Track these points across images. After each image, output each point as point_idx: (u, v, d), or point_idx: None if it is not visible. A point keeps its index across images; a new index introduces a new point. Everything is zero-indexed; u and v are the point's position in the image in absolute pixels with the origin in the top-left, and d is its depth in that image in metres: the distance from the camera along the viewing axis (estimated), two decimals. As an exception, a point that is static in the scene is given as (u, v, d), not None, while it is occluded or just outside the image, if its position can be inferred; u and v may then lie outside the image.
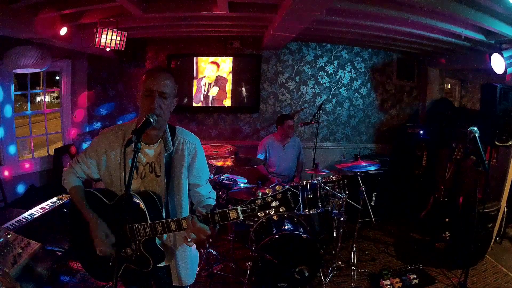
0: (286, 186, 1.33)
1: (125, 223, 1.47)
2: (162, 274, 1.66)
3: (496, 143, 3.48)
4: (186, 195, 1.65)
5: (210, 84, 5.09)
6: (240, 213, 1.33)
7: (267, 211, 1.32)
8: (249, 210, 1.33)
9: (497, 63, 3.46)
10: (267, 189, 1.36)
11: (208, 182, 1.73)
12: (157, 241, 1.55)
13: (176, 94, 1.57)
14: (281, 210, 1.31)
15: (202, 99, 5.11)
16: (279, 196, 1.31)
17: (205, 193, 1.68)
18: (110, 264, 1.56)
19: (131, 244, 1.51)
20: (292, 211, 1.32)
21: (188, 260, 1.69)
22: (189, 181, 1.65)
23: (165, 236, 1.60)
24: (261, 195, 1.33)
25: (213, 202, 1.68)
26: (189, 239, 1.39)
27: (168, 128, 1.60)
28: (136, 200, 1.47)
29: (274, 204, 1.31)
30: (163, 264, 1.61)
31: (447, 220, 3.49)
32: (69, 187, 1.63)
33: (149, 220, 1.46)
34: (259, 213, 1.32)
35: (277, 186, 1.34)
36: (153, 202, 1.51)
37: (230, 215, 1.35)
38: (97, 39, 3.43)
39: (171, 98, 1.53)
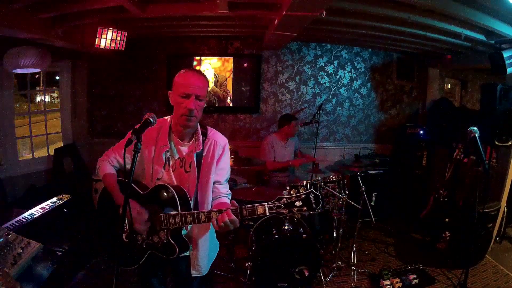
0: (291, 189, 1.47)
1: (158, 212, 1.58)
2: (182, 264, 1.74)
3: (496, 143, 3.48)
4: (211, 192, 1.74)
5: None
6: (267, 209, 1.45)
7: (291, 209, 1.44)
8: (275, 207, 1.45)
9: (497, 63, 3.46)
10: (292, 190, 1.47)
11: (227, 182, 1.82)
12: (183, 231, 1.64)
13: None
14: (303, 210, 1.44)
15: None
16: (302, 197, 1.44)
17: (223, 191, 1.77)
18: (134, 250, 1.64)
19: (159, 232, 1.60)
20: (314, 211, 1.45)
21: (208, 250, 1.78)
22: None
23: (189, 226, 1.69)
24: (287, 195, 1.45)
25: (228, 202, 1.75)
26: (217, 228, 1.50)
27: (200, 129, 1.71)
28: (170, 191, 1.58)
29: (297, 203, 1.44)
30: (186, 253, 1.71)
31: (447, 220, 3.49)
32: (103, 173, 1.72)
33: (180, 211, 1.56)
34: (284, 211, 1.44)
35: (301, 189, 1.46)
36: (184, 195, 1.61)
37: (258, 210, 1.46)
38: (97, 39, 3.43)
39: (205, 100, 1.63)
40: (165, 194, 1.59)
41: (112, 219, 1.67)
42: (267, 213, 1.44)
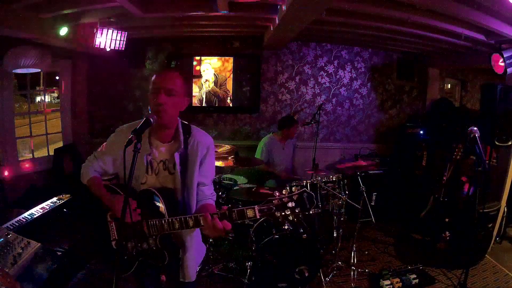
0: (291, 188, 1.36)
1: (144, 218, 1.51)
2: (173, 267, 1.69)
3: (496, 143, 3.48)
4: (195, 193, 1.68)
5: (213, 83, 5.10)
6: (257, 212, 1.36)
7: (283, 212, 1.35)
8: (266, 210, 1.36)
9: (497, 63, 3.46)
10: (284, 190, 1.39)
11: (212, 183, 1.76)
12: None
13: (187, 94, 1.60)
14: (297, 211, 1.34)
15: (203, 99, 5.12)
16: (295, 197, 1.35)
17: (208, 193, 1.70)
18: (125, 258, 1.59)
19: (147, 239, 1.54)
20: (308, 212, 1.36)
21: (195, 254, 1.72)
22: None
23: None
24: (278, 196, 1.37)
25: (213, 203, 1.70)
26: (207, 235, 1.45)
27: (181, 127, 1.62)
28: (156, 196, 1.51)
29: (290, 204, 1.35)
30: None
31: (447, 220, 3.49)
32: (87, 178, 1.66)
33: (167, 216, 1.49)
34: (276, 213, 1.35)
35: (293, 188, 1.36)
36: (171, 198, 1.55)
37: (248, 213, 1.38)
38: (97, 39, 3.43)
39: (179, 96, 1.54)
40: (151, 199, 1.52)
41: (101, 225, 1.63)
42: (258, 216, 1.36)
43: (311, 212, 3.26)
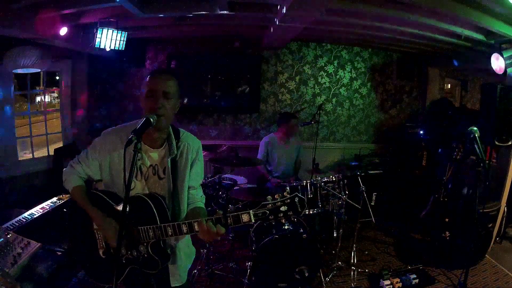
0: (292, 189, 1.40)
1: (135, 226, 1.47)
2: (162, 273, 1.65)
3: (496, 143, 3.48)
4: (186, 197, 1.66)
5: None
6: (252, 216, 1.38)
7: (276, 215, 1.38)
8: (260, 214, 1.38)
9: (497, 63, 3.46)
10: (276, 194, 1.42)
11: (200, 186, 1.75)
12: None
13: (180, 96, 1.57)
14: (289, 214, 1.38)
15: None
16: (287, 201, 1.38)
17: (197, 196, 1.69)
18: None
19: (138, 246, 1.51)
20: (299, 215, 1.40)
21: (186, 258, 1.71)
22: None
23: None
24: (271, 200, 1.39)
25: (203, 206, 1.69)
26: (203, 238, 1.43)
27: (172, 132, 1.61)
28: (146, 202, 1.48)
29: (283, 208, 1.37)
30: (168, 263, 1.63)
31: (447, 220, 3.49)
32: (72, 187, 1.60)
33: (159, 223, 1.46)
34: (269, 217, 1.38)
35: (285, 192, 1.40)
36: (161, 204, 1.52)
37: (243, 218, 1.39)
38: (97, 39, 3.43)
39: (174, 98, 1.52)
40: (141, 205, 1.48)
41: (87, 234, 1.58)
42: (253, 221, 1.38)
43: (311, 212, 3.27)
